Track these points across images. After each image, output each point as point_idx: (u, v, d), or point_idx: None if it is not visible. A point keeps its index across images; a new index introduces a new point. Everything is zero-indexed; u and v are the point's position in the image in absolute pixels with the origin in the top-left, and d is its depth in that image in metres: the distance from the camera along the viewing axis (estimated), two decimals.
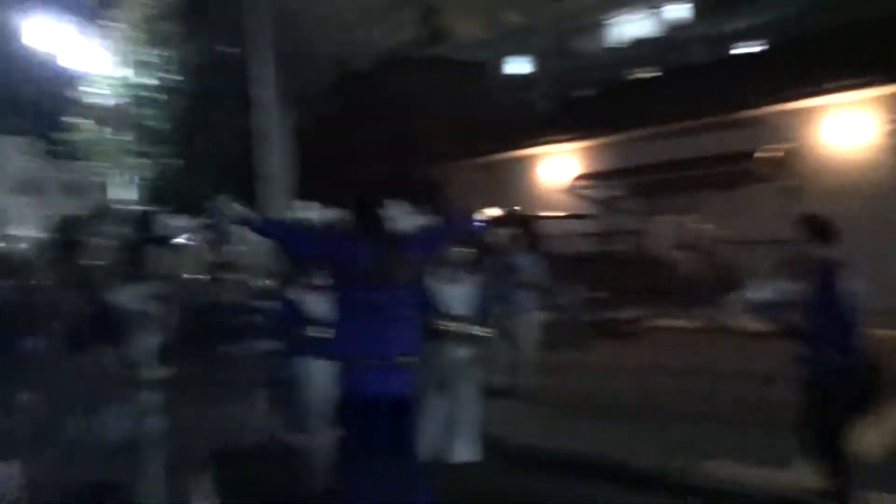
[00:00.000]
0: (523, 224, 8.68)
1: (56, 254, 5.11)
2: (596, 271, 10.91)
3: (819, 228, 4.15)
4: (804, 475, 4.24)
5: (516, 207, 13.16)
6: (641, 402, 6.80)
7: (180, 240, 4.85)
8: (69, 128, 15.68)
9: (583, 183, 14.77)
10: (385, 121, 13.96)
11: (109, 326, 4.01)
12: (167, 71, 15.76)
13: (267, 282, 5.56)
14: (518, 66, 22.75)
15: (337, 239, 3.42)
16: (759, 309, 4.94)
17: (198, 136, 16.30)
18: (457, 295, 5.08)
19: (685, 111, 12.59)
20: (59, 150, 16.32)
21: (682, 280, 11.55)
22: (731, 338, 9.52)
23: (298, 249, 3.63)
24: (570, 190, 14.80)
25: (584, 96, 16.74)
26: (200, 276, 5.06)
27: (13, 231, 11.78)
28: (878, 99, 10.92)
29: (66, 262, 4.95)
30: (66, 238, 5.52)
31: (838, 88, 11.28)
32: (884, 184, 10.80)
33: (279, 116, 13.78)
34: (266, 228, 3.50)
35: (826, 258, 4.08)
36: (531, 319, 7.59)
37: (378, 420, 3.25)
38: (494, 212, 12.84)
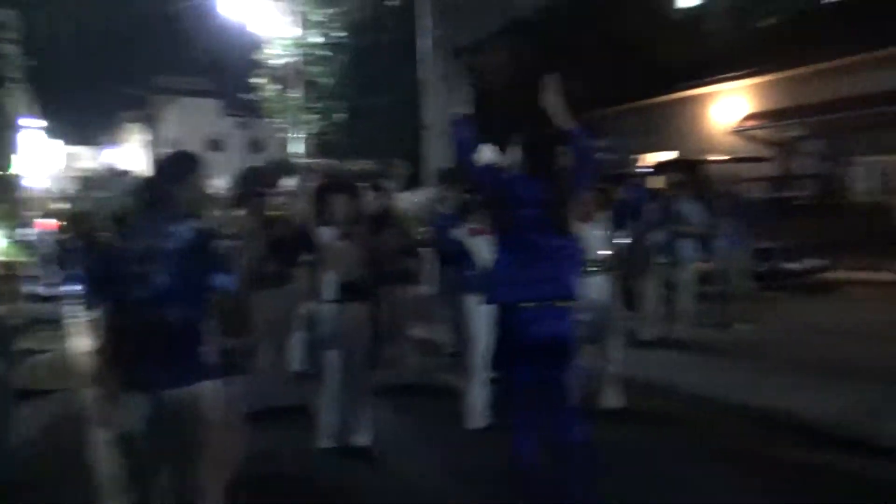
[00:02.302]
0: (688, 169, 8.27)
1: (243, 202, 5.64)
2: (772, 219, 10.15)
3: None
4: None
5: (676, 151, 12.57)
6: (812, 357, 6.39)
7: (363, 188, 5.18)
8: (252, 88, 16.97)
9: (753, 123, 13.70)
10: (551, 65, 13.67)
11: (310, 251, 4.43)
12: (335, 28, 16.49)
13: (431, 227, 5.80)
14: None
15: (511, 179, 3.48)
16: None
17: (365, 89, 17.02)
18: (598, 239, 5.02)
19: (872, 41, 11.16)
20: (244, 109, 17.71)
21: (879, 229, 10.45)
22: None
23: (485, 189, 3.69)
24: (740, 131, 13.80)
25: (760, 28, 15.33)
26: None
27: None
28: None
29: (251, 211, 5.46)
30: (248, 189, 6.07)
31: None
32: None
33: (442, 66, 13.97)
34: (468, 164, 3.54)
35: None
36: (693, 267, 7.32)
37: (538, 362, 3.34)
38: (656, 157, 12.38)
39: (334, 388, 4.47)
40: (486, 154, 4.36)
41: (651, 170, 10.37)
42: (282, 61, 16.38)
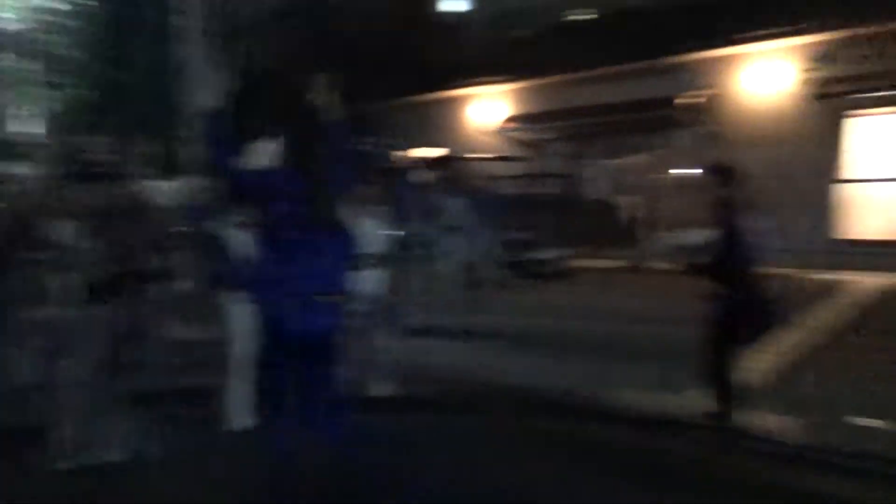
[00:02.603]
0: (451, 165, 8.71)
1: None
2: (523, 213, 11.13)
3: (726, 174, 4.40)
4: (698, 399, 4.61)
5: (444, 148, 13.22)
6: (559, 336, 7.15)
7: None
8: None
9: (512, 125, 14.85)
10: (319, 55, 13.62)
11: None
12: None
13: (188, 220, 5.44)
14: (453, 3, 22.28)
15: (267, 174, 3.34)
16: (675, 250, 5.19)
17: (114, 66, 15.45)
18: (373, 233, 5.11)
19: (614, 56, 12.73)
20: None
21: (610, 223, 11.94)
22: (649, 277, 10.02)
23: (240, 183, 3.51)
24: (500, 132, 14.88)
25: (519, 37, 16.65)
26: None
27: None
28: (795, 48, 11.29)
29: None
30: None
31: (759, 38, 11.60)
32: (798, 131, 11.30)
33: (204, 49, 13.18)
34: (222, 158, 3.32)
35: (732, 201, 4.32)
36: (456, 260, 7.72)
37: (302, 359, 3.29)
38: (423, 152, 12.86)
39: (72, 401, 4.00)
40: (251, 146, 4.17)
41: (421, 165, 10.76)
42: (13, 27, 14.31)
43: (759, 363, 5.49)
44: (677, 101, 12.08)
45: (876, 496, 3.77)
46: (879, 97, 10.74)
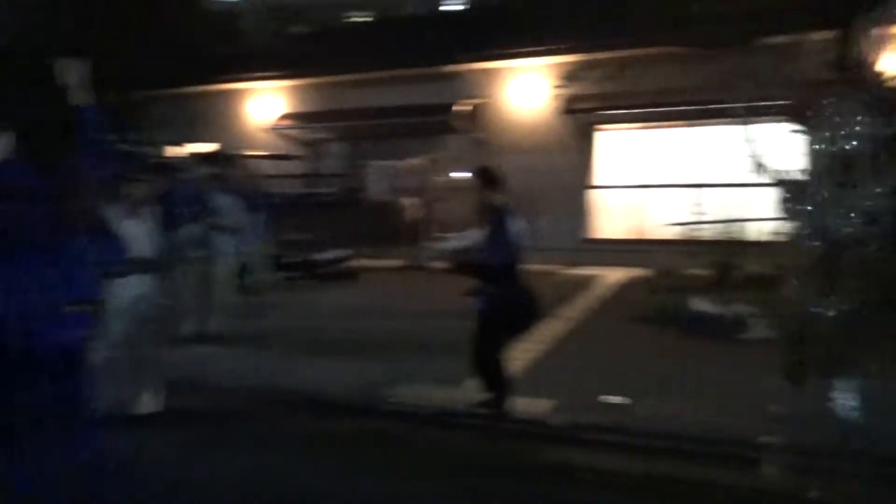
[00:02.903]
0: (225, 162, 8.30)
1: None
2: (301, 213, 10.96)
3: (490, 178, 4.71)
4: (472, 391, 4.88)
5: (217, 144, 12.58)
6: (340, 337, 7.15)
7: None
8: None
9: (287, 123, 14.54)
10: (61, 36, 12.14)
11: None
12: None
13: None
14: None
15: (2, 168, 2.89)
16: (447, 251, 5.42)
17: None
18: (138, 234, 4.69)
19: (392, 61, 13.00)
20: None
21: (390, 224, 12.18)
22: (428, 276, 10.40)
23: None
24: (275, 129, 14.48)
25: (298, 34, 16.32)
26: None
27: None
28: (551, 67, 12.41)
29: None
30: None
31: (522, 54, 12.58)
32: (556, 141, 12.44)
33: None
34: None
35: (496, 204, 4.64)
36: (230, 261, 7.38)
37: (45, 376, 2.91)
38: (195, 148, 12.12)
39: None
40: None
41: (192, 162, 10.12)
42: None
43: (524, 353, 5.95)
44: (453, 108, 12.67)
45: (627, 465, 4.24)
46: (618, 114, 12.23)
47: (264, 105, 14.95)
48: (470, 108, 12.83)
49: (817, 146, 3.90)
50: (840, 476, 3.67)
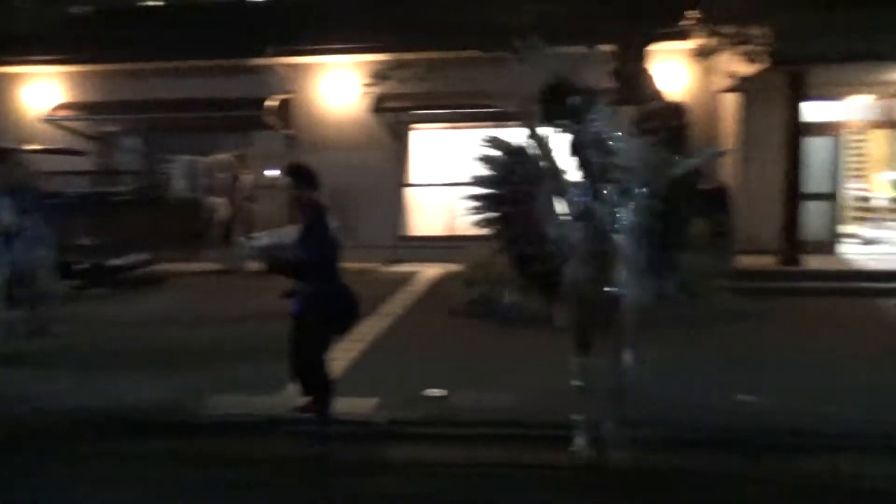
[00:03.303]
0: None
1: None
2: (92, 214, 9.88)
3: (304, 175, 4.57)
4: (293, 396, 4.72)
5: None
6: (139, 348, 6.60)
7: None
8: None
9: (66, 113, 13.05)
10: None
11: None
12: None
13: None
14: None
15: None
16: (261, 250, 5.19)
17: None
18: None
19: (194, 50, 12.14)
20: None
21: (197, 223, 11.37)
22: (241, 279, 9.91)
23: None
24: (50, 120, 12.93)
25: (80, 14, 14.58)
26: None
27: None
28: (361, 64, 12.35)
29: None
30: None
31: (332, 50, 12.37)
32: (372, 138, 12.41)
33: None
34: None
35: (310, 200, 4.51)
36: (5, 271, 6.50)
37: None
38: None
39: None
40: None
41: None
42: None
43: (345, 352, 5.86)
44: (264, 103, 12.17)
45: (451, 455, 4.32)
46: (428, 114, 12.47)
47: (40, 92, 13.29)
48: (277, 103, 12.41)
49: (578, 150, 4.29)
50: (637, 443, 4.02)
